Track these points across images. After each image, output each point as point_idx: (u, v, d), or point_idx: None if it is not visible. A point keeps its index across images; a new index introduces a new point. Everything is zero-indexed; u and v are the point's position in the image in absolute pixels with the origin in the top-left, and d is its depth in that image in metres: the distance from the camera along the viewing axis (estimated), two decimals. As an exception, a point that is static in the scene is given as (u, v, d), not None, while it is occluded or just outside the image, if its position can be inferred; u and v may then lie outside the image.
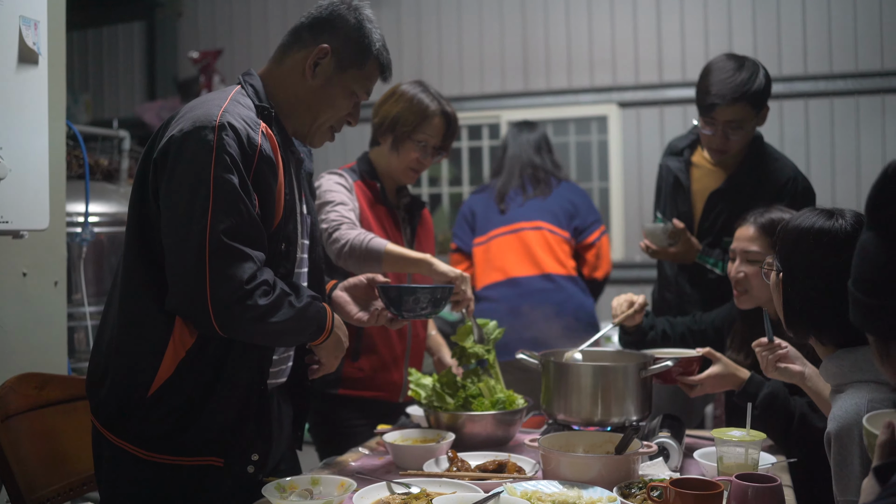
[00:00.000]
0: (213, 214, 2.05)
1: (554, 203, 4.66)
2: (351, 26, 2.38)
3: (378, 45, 2.42)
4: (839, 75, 6.36)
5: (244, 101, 2.26)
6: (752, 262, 2.92)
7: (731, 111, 3.45)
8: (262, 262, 2.12)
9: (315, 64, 2.35)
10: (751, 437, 2.36)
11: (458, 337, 2.98)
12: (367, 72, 2.42)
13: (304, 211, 2.48)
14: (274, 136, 2.25)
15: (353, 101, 2.44)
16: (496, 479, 2.33)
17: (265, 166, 2.17)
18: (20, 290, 3.18)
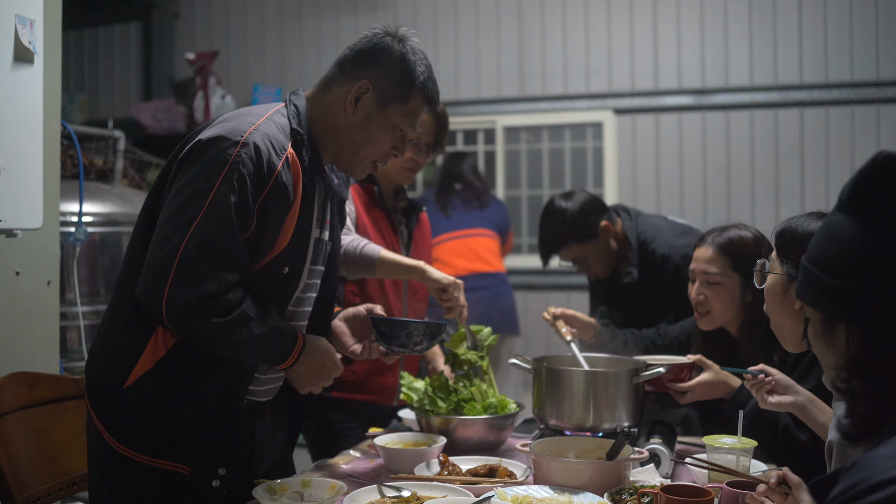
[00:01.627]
0: (197, 225, 2.06)
1: (492, 214, 6.09)
2: (394, 59, 2.34)
3: (423, 78, 2.36)
4: (835, 85, 6.38)
5: (281, 122, 2.27)
6: (712, 283, 2.90)
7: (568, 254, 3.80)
8: (231, 283, 2.12)
9: (356, 99, 2.32)
10: (742, 445, 2.37)
11: (451, 343, 2.98)
12: (410, 107, 2.36)
13: (326, 237, 2.47)
14: (301, 162, 2.24)
15: (397, 135, 2.39)
16: (487, 483, 2.33)
17: (278, 192, 2.17)
18: (13, 289, 3.18)
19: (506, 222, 6.23)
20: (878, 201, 1.36)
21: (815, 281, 1.43)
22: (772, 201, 6.50)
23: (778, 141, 6.53)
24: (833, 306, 1.41)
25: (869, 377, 1.36)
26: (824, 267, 1.42)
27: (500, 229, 6.12)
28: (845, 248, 1.39)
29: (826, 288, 1.41)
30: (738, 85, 6.59)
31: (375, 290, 3.18)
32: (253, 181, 2.11)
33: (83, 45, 8.16)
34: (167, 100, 7.48)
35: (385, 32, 2.39)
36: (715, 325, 2.96)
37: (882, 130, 6.30)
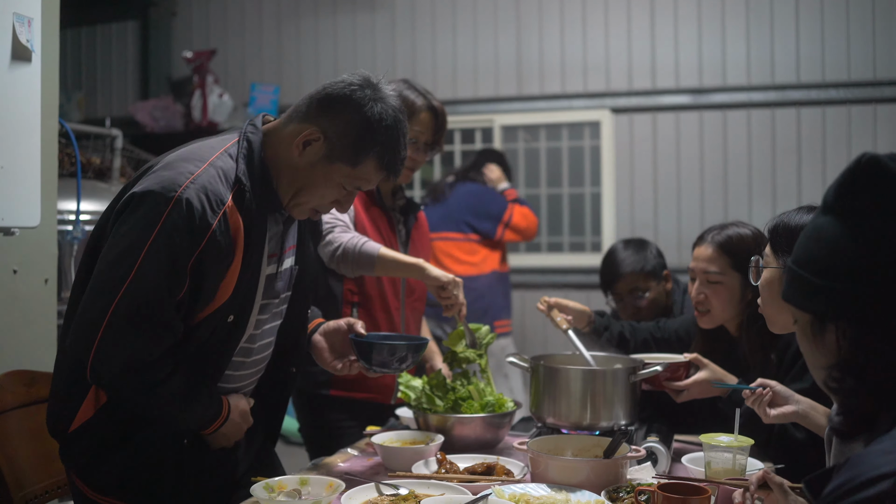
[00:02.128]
0: (126, 287, 2.00)
1: (453, 208, 5.76)
2: (356, 119, 2.20)
3: (380, 147, 2.22)
4: (831, 84, 6.39)
5: (226, 166, 2.16)
6: (712, 282, 2.90)
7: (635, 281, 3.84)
8: (159, 349, 2.07)
9: (305, 143, 2.21)
10: (739, 443, 2.37)
11: (449, 341, 2.98)
12: (358, 171, 2.24)
13: (288, 264, 2.41)
14: (244, 212, 2.14)
15: (342, 193, 2.28)
16: (484, 481, 2.33)
17: (214, 250, 2.07)
18: (10, 287, 3.18)
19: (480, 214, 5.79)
20: (862, 202, 1.38)
21: (802, 282, 1.44)
22: (769, 200, 6.51)
23: (775, 140, 6.54)
24: (822, 307, 1.42)
25: (860, 375, 1.37)
26: (812, 268, 1.43)
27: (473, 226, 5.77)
28: (832, 248, 1.40)
29: (813, 288, 1.42)
30: (736, 84, 6.60)
31: (374, 288, 3.18)
32: (184, 241, 2.03)
33: (81, 44, 8.16)
34: (165, 98, 7.48)
35: (363, 86, 2.24)
36: (715, 324, 2.96)
37: (878, 130, 6.31)
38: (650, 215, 6.81)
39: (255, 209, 2.17)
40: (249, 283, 2.21)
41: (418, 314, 3.40)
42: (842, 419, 1.43)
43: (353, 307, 3.17)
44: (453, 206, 5.80)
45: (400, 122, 2.26)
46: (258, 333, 2.35)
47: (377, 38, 7.43)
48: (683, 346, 3.17)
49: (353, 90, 2.22)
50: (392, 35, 7.39)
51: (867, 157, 1.38)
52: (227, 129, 2.36)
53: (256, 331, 2.33)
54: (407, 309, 3.30)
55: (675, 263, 6.36)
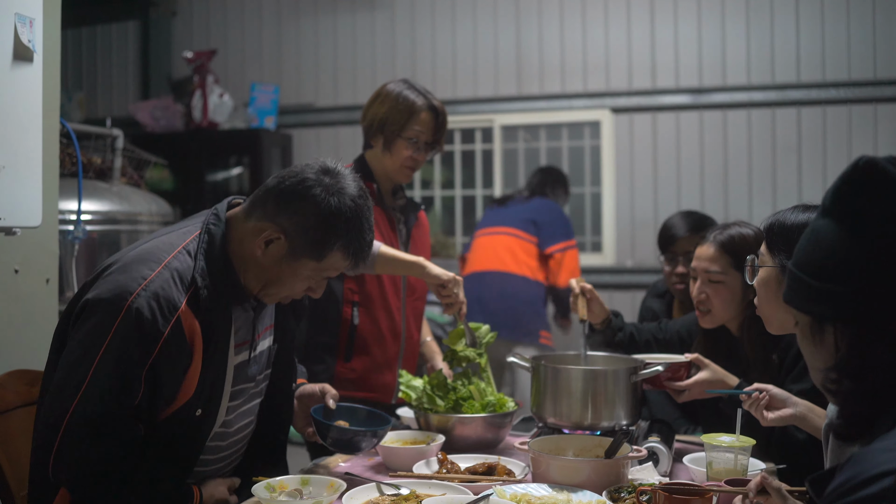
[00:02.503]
0: (82, 395, 2.01)
1: (522, 210, 5.63)
2: (315, 214, 2.17)
3: (345, 238, 2.20)
4: (832, 84, 6.39)
5: (183, 266, 2.15)
6: (713, 282, 2.89)
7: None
8: (118, 454, 2.06)
9: (266, 242, 2.19)
10: (740, 443, 2.37)
11: (449, 340, 2.98)
12: (325, 264, 2.23)
13: (262, 347, 2.41)
14: (200, 315, 2.13)
15: (311, 282, 2.28)
16: (486, 481, 2.34)
17: (168, 355, 2.07)
18: (11, 286, 3.18)
19: (547, 222, 5.60)
20: (860, 205, 1.39)
21: (802, 285, 1.46)
22: (769, 200, 6.51)
23: (775, 140, 6.54)
24: (820, 309, 1.43)
25: (858, 377, 1.38)
26: (810, 271, 1.44)
27: (539, 229, 5.56)
28: (830, 251, 1.41)
29: (813, 291, 1.43)
30: (736, 84, 6.60)
31: (374, 287, 3.19)
32: (135, 352, 2.03)
33: (81, 44, 8.15)
34: (165, 98, 7.48)
35: (318, 177, 2.22)
36: (716, 324, 2.96)
37: (879, 129, 6.31)
38: (650, 215, 6.80)
39: (217, 305, 2.16)
40: (215, 377, 2.20)
41: (419, 313, 3.40)
42: (840, 421, 1.43)
43: (353, 306, 3.17)
44: (524, 209, 5.65)
45: (361, 209, 2.23)
46: (232, 418, 2.35)
47: (377, 37, 7.43)
48: (685, 347, 3.17)
49: (308, 186, 2.19)
50: (392, 34, 7.39)
51: (864, 161, 1.39)
52: (194, 216, 2.35)
53: (230, 416, 2.33)
54: (408, 308, 3.31)
55: (675, 263, 6.37)
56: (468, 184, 7.40)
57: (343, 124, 7.36)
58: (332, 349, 3.20)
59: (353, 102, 7.23)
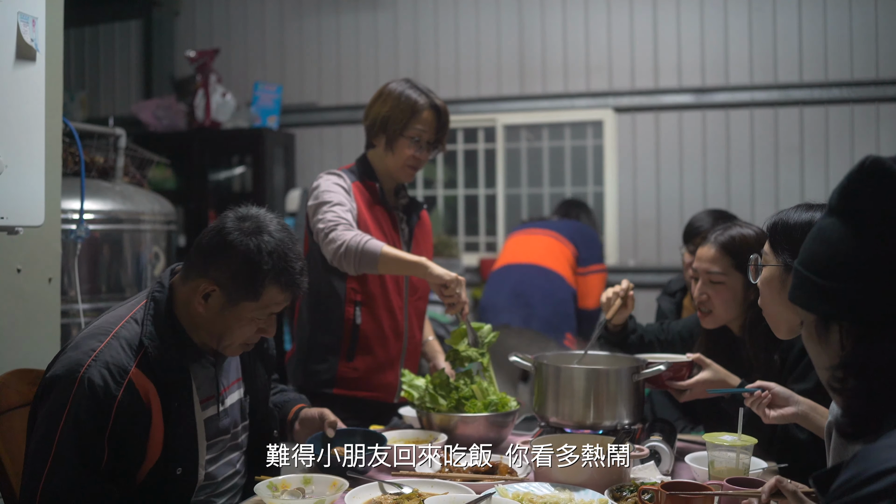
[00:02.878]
0: (49, 469, 2.09)
1: (562, 227, 5.59)
2: (239, 259, 2.25)
3: (273, 271, 2.26)
4: (834, 83, 6.38)
5: (131, 334, 2.25)
6: (714, 283, 2.89)
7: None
8: None
9: (205, 296, 2.28)
10: (742, 442, 2.37)
11: (452, 340, 2.98)
12: (263, 301, 2.29)
13: (232, 399, 2.49)
14: (153, 375, 2.21)
15: (259, 323, 2.34)
16: (488, 480, 2.34)
17: (125, 417, 2.15)
18: (14, 286, 3.18)
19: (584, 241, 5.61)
20: (866, 204, 1.39)
21: (807, 284, 1.46)
22: (771, 200, 6.51)
23: (778, 139, 6.54)
24: (826, 307, 1.43)
25: (863, 376, 1.38)
26: (816, 269, 1.44)
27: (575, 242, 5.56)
28: (836, 250, 1.41)
29: (819, 290, 1.43)
30: (738, 84, 6.60)
31: (377, 286, 3.19)
32: (93, 418, 2.11)
33: (84, 43, 8.16)
34: (168, 97, 7.48)
35: (235, 224, 2.29)
36: (718, 324, 2.95)
37: (881, 129, 6.30)
38: (653, 214, 6.80)
39: (169, 365, 2.24)
40: (184, 433, 2.28)
41: (421, 313, 3.40)
42: (845, 419, 1.43)
43: (355, 306, 3.17)
44: (562, 224, 5.66)
45: (283, 242, 2.29)
46: (215, 470, 2.42)
47: (380, 37, 7.43)
48: (686, 348, 3.17)
49: (226, 234, 2.27)
50: (395, 34, 7.39)
51: (871, 160, 1.39)
52: (140, 292, 2.48)
53: (211, 468, 2.40)
54: (410, 308, 3.31)
55: (677, 263, 6.36)
56: (471, 183, 7.40)
57: (346, 124, 7.36)
58: (334, 349, 3.20)
59: (356, 102, 7.23)
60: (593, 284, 5.52)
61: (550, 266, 5.44)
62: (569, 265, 5.49)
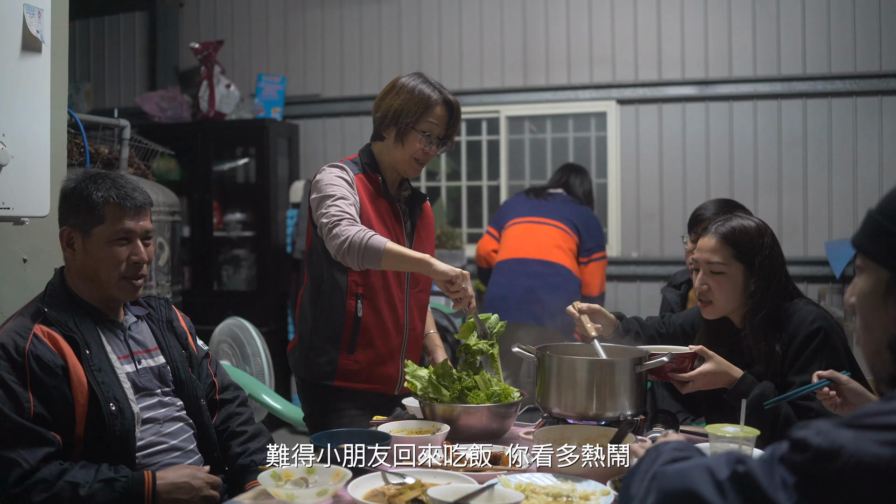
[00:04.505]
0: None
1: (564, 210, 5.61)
2: (73, 197, 2.59)
3: (104, 196, 2.58)
4: (837, 76, 6.38)
5: (31, 307, 2.58)
6: (714, 273, 2.89)
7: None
8: (35, 460, 2.34)
9: (69, 244, 2.61)
10: (744, 434, 2.38)
11: (461, 335, 2.98)
12: (110, 220, 2.59)
13: (152, 363, 2.75)
14: (58, 328, 2.50)
15: (120, 248, 2.62)
16: (491, 470, 2.35)
17: (40, 363, 2.42)
18: (20, 275, 3.20)
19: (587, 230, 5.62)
20: None
21: (883, 234, 1.31)
22: (774, 192, 6.52)
23: (781, 132, 6.54)
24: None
25: None
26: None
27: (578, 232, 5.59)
28: None
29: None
30: (742, 76, 6.60)
31: (378, 280, 3.19)
32: (11, 372, 2.39)
33: (89, 35, 8.17)
34: (172, 89, 7.49)
35: (68, 178, 2.66)
36: (718, 315, 2.96)
37: (884, 121, 6.31)
38: (656, 206, 6.81)
39: (70, 320, 2.55)
40: (106, 373, 2.55)
41: (423, 305, 3.40)
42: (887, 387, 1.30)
43: (357, 298, 3.17)
44: (565, 209, 5.63)
45: (102, 173, 2.68)
46: (152, 414, 2.67)
47: (383, 29, 7.43)
48: (688, 340, 3.17)
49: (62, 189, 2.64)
50: (398, 26, 7.39)
51: None
52: None
53: (149, 414, 2.65)
54: (411, 300, 3.31)
55: (680, 255, 6.37)
56: (474, 175, 7.40)
57: (349, 115, 7.36)
58: (335, 341, 3.21)
59: (360, 93, 7.24)
60: (595, 272, 5.57)
61: (558, 260, 5.48)
62: (573, 255, 5.53)
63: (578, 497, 2.12)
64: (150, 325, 2.82)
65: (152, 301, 2.89)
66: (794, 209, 6.50)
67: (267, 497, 2.20)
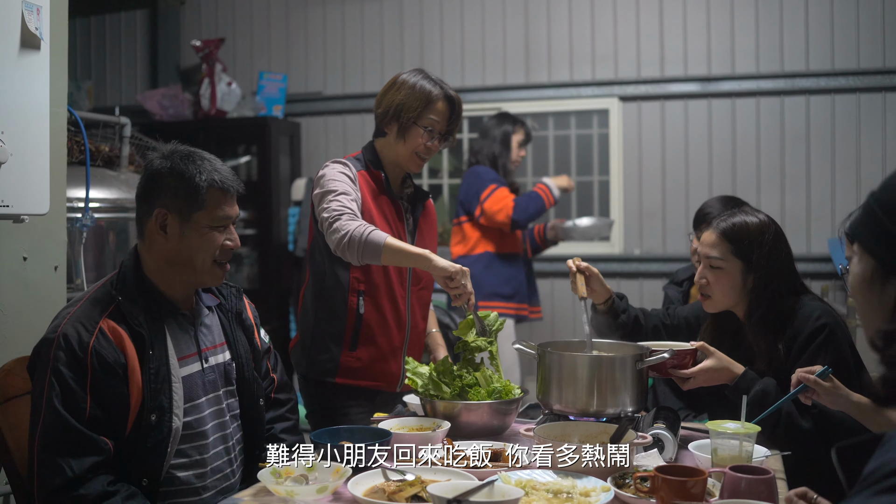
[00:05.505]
0: (42, 422, 2.28)
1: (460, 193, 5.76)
2: (171, 178, 2.48)
3: (207, 178, 2.49)
4: (841, 72, 6.37)
5: (101, 294, 2.46)
6: (713, 267, 2.92)
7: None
8: (81, 469, 2.24)
9: (162, 227, 2.48)
10: (745, 430, 2.38)
11: (460, 331, 2.98)
12: (210, 207, 2.51)
13: (216, 361, 2.64)
14: (125, 324, 2.39)
15: (217, 233, 2.54)
16: (491, 467, 2.34)
17: (100, 362, 2.32)
18: (20, 274, 3.19)
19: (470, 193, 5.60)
20: None
21: (875, 223, 1.31)
22: (777, 189, 6.50)
23: (784, 128, 6.53)
24: (891, 255, 1.28)
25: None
26: (891, 212, 1.28)
27: (464, 206, 5.68)
28: None
29: (885, 234, 1.29)
30: (744, 72, 6.59)
31: (380, 277, 3.19)
32: (71, 369, 2.30)
33: (90, 33, 8.17)
34: (173, 87, 7.49)
35: (156, 157, 2.54)
36: (717, 309, 2.98)
37: (888, 118, 6.29)
38: (658, 203, 6.80)
39: (140, 315, 2.43)
40: (161, 382, 2.41)
41: (425, 302, 3.40)
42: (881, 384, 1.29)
43: (359, 295, 3.17)
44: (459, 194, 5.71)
45: (189, 151, 2.56)
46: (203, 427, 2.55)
47: (385, 26, 7.42)
48: (692, 333, 3.18)
49: (150, 169, 2.52)
50: (400, 23, 7.38)
51: None
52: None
53: (192, 417, 2.52)
54: (413, 297, 3.31)
55: (683, 252, 6.38)
56: (476, 172, 7.39)
57: (351, 112, 7.35)
58: (337, 338, 3.21)
59: (362, 91, 7.23)
60: (488, 211, 5.49)
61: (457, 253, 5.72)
62: (471, 233, 5.69)
63: (579, 493, 2.12)
64: (220, 317, 2.73)
65: (223, 289, 2.78)
66: (797, 206, 6.48)
67: (267, 494, 2.20)
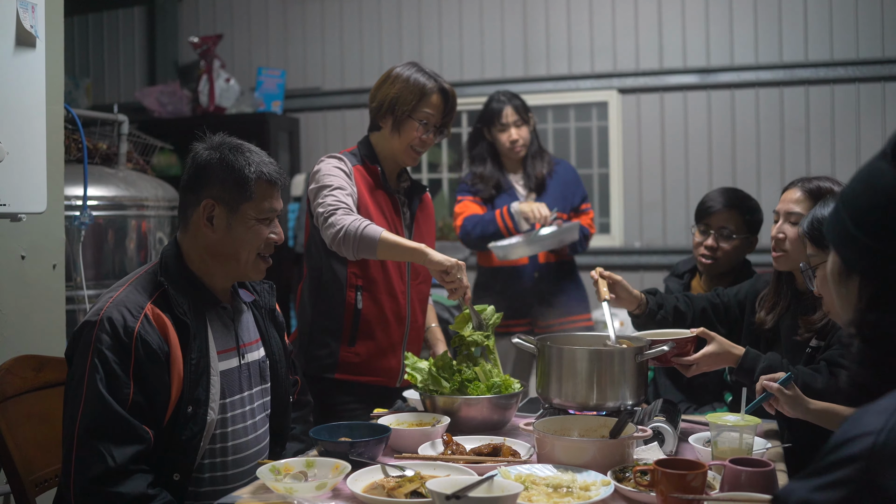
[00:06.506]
0: (83, 407, 2.22)
1: None
2: (220, 169, 2.46)
3: (255, 169, 2.47)
4: (840, 63, 6.35)
5: (144, 282, 2.42)
6: (794, 224, 2.95)
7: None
8: (123, 458, 2.19)
9: (209, 218, 2.45)
10: (745, 422, 2.37)
11: (456, 325, 2.98)
12: (257, 199, 2.48)
13: (251, 358, 2.60)
14: (169, 310, 2.36)
15: (265, 224, 2.51)
16: (491, 462, 2.34)
17: (145, 348, 2.28)
18: (18, 272, 3.19)
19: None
20: None
21: (841, 224, 1.34)
22: (777, 180, 6.48)
23: (783, 119, 6.51)
24: (852, 256, 1.32)
25: (870, 342, 1.29)
26: (853, 215, 1.32)
27: None
28: (879, 200, 1.28)
29: (848, 235, 1.32)
30: (743, 63, 6.57)
31: (378, 272, 3.19)
32: (116, 353, 2.25)
33: (88, 30, 8.15)
34: (172, 83, 7.48)
35: (199, 150, 2.53)
36: (790, 266, 3.01)
37: (887, 108, 6.27)
38: (658, 195, 6.79)
39: (185, 304, 2.39)
40: (201, 375, 2.39)
41: (424, 297, 3.40)
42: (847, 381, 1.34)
43: (357, 290, 3.17)
44: None
45: (236, 143, 2.56)
46: (238, 428, 2.52)
47: (383, 20, 7.41)
48: (742, 310, 3.25)
49: (198, 160, 2.51)
50: (398, 17, 7.37)
51: None
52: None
53: (234, 426, 2.51)
54: (412, 292, 3.30)
55: (684, 244, 6.37)
56: (475, 166, 7.37)
57: (350, 108, 7.35)
58: (336, 333, 3.20)
59: (360, 86, 7.22)
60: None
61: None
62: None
63: (579, 488, 2.12)
64: (254, 314, 2.71)
65: (258, 286, 2.75)
66: (797, 197, 6.46)
67: (266, 491, 2.20)
